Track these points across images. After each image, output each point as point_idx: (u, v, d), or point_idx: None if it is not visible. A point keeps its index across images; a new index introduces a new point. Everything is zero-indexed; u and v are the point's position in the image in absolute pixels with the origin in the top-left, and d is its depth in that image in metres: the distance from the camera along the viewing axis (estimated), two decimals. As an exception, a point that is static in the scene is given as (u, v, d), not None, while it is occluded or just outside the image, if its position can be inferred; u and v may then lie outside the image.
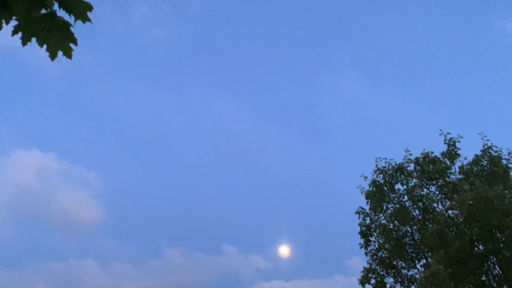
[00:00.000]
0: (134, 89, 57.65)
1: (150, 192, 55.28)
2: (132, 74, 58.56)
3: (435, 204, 19.10)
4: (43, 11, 3.41)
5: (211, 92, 58.66)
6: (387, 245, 19.58)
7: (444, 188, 18.59)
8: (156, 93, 58.50)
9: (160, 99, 58.29)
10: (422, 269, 18.77)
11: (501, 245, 16.41)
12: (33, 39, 3.50)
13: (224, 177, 56.25)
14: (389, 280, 19.77)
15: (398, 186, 19.85)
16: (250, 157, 57.74)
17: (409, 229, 19.65)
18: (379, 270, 19.79)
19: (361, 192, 20.09)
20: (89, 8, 3.44)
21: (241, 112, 58.33)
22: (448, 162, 19.24)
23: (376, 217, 20.06)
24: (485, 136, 18.64)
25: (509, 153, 18.54)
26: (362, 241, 20.34)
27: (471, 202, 16.06)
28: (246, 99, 60.03)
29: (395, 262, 19.83)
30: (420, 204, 19.31)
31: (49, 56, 3.55)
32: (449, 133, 19.37)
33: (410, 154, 19.94)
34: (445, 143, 19.38)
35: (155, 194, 54.98)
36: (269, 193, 55.12)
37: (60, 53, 3.57)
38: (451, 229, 16.84)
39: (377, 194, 19.62)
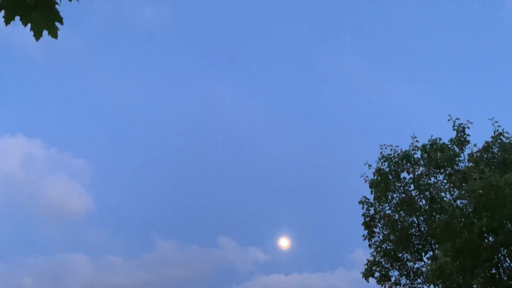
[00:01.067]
0: (124, 72, 57.55)
1: (142, 181, 55.38)
2: (122, 56, 58.43)
3: (442, 194, 19.18)
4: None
5: (206, 76, 58.55)
6: (392, 237, 19.67)
7: (453, 177, 18.63)
8: (147, 77, 58.40)
9: (152, 83, 58.19)
10: (429, 262, 18.87)
11: (512, 236, 16.48)
12: (17, 18, 3.48)
13: (221, 165, 56.31)
14: (394, 273, 19.93)
15: (404, 174, 19.91)
16: (248, 144, 57.78)
17: (415, 219, 19.74)
18: (383, 263, 19.90)
19: (365, 181, 20.16)
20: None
21: (238, 97, 58.26)
22: (457, 149, 19.26)
23: (381, 207, 20.14)
24: (496, 121, 18.64)
25: (521, 140, 18.56)
26: (365, 232, 20.46)
27: (480, 191, 16.08)
28: (244, 83, 59.96)
29: (400, 255, 19.94)
30: (427, 193, 19.38)
31: (34, 35, 3.53)
32: (458, 119, 19.38)
33: (417, 141, 19.99)
34: (453, 129, 19.38)
35: (147, 183, 55.05)
36: (268, 182, 55.25)
37: (45, 33, 3.54)
38: (459, 219, 16.89)
39: (382, 183, 19.67)
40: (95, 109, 58.75)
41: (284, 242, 42.66)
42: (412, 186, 19.69)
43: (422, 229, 19.65)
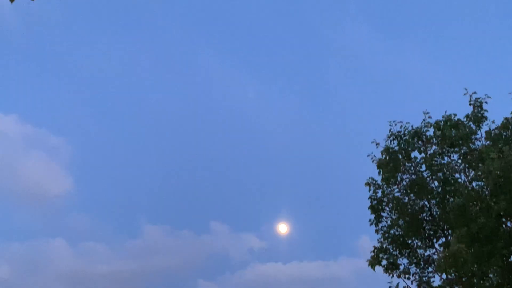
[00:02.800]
0: (108, 44, 57.06)
1: (128, 161, 55.33)
2: (105, 25, 57.96)
3: (457, 175, 19.27)
4: None
5: (196, 46, 58.22)
6: (401, 222, 19.81)
7: (468, 156, 18.71)
8: (133, 49, 58.06)
9: (139, 56, 57.89)
10: (441, 249, 19.05)
11: (532, 221, 16.63)
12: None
13: (213, 144, 56.27)
14: (403, 261, 20.11)
15: (415, 153, 19.97)
16: (243, 120, 57.70)
17: (426, 203, 19.86)
18: (391, 250, 20.06)
19: (372, 161, 20.19)
20: None
21: (232, 70, 58.03)
22: (473, 126, 19.30)
23: (389, 189, 20.22)
24: (517, 96, 18.67)
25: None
26: (372, 216, 20.57)
27: (498, 172, 16.17)
28: (238, 55, 59.59)
29: (410, 241, 20.10)
30: (440, 174, 19.46)
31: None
32: (475, 93, 19.36)
33: (430, 117, 19.99)
34: (470, 104, 19.39)
35: (133, 163, 55.06)
36: (266, 163, 55.29)
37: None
38: (475, 203, 17.01)
39: (391, 163, 19.73)
40: (76, 82, 58.39)
41: (282, 228, 42.84)
42: (423, 167, 19.76)
43: (434, 213, 19.78)
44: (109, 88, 57.65)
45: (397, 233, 20.07)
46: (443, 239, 19.61)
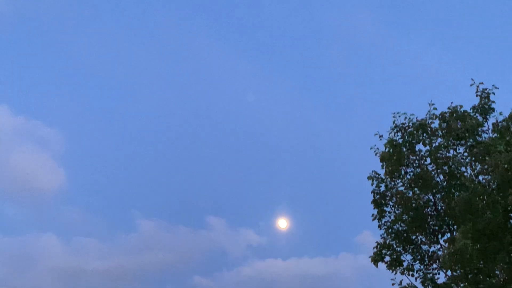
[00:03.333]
0: (102, 31, 56.89)
1: (122, 153, 55.23)
2: (99, 12, 57.72)
3: (463, 168, 19.23)
4: None
5: (194, 34, 58.03)
6: (405, 216, 19.80)
7: (475, 149, 18.65)
8: (128, 35, 57.83)
9: (134, 45, 57.68)
10: (446, 245, 19.04)
11: (541, 216, 16.60)
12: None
13: (210, 136, 56.23)
14: (407, 258, 20.13)
15: (419, 146, 19.94)
16: (241, 110, 57.59)
17: (431, 197, 19.84)
18: (394, 246, 20.09)
19: (375, 154, 20.17)
20: None
21: (230, 57, 57.88)
22: (480, 118, 19.27)
23: (393, 183, 20.20)
24: (525, 86, 18.66)
25: (553, 108, 18.56)
26: (375, 211, 20.57)
27: (506, 165, 16.13)
28: (236, 41, 59.47)
29: (414, 237, 20.11)
30: (445, 168, 19.44)
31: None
32: (482, 83, 19.31)
33: (435, 109, 19.94)
34: (476, 95, 19.35)
35: (127, 156, 54.95)
36: (265, 155, 55.23)
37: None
38: (481, 197, 16.97)
39: (394, 156, 19.70)
40: (69, 72, 58.23)
41: (282, 223, 42.83)
42: (428, 160, 19.73)
43: (439, 208, 19.77)
44: (103, 78, 57.52)
45: (400, 228, 20.07)
46: (448, 235, 19.60)
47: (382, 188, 20.42)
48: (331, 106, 57.14)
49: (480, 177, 17.87)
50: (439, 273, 19.71)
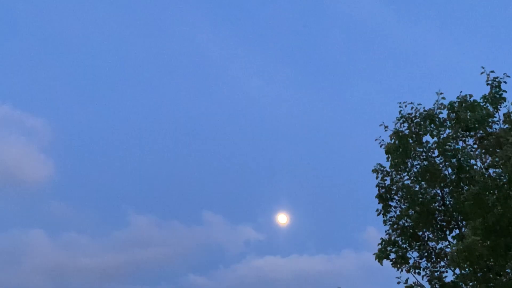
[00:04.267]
0: (94, 16, 56.74)
1: (114, 145, 55.21)
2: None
3: (472, 161, 19.28)
4: None
5: (189, 14, 57.87)
6: (411, 212, 19.85)
7: (485, 141, 18.69)
8: (122, 21, 57.68)
9: (127, 29, 57.54)
10: (454, 242, 19.10)
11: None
12: None
13: (206, 126, 56.17)
14: (413, 255, 20.19)
15: (427, 138, 19.97)
16: (238, 98, 57.57)
17: (439, 191, 19.90)
18: (400, 243, 20.14)
19: (380, 146, 20.20)
20: None
21: (227, 41, 57.80)
22: (490, 108, 19.28)
23: (399, 176, 20.25)
24: (539, 75, 18.66)
25: None
26: (380, 206, 20.62)
27: (518, 158, 16.19)
28: (233, 25, 59.35)
29: (420, 233, 20.17)
30: (454, 160, 19.47)
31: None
32: (492, 72, 19.29)
33: (443, 98, 19.95)
34: (487, 84, 19.34)
35: (119, 147, 54.94)
36: (264, 146, 55.24)
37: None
38: (491, 191, 17.02)
39: (401, 148, 19.73)
40: (58, 59, 58.11)
41: (282, 219, 42.97)
42: (436, 152, 19.77)
43: (447, 202, 19.83)
44: (95, 66, 57.39)
45: (406, 224, 20.13)
46: (457, 231, 19.67)
47: (387, 182, 20.46)
48: (335, 95, 57.19)
49: (491, 170, 17.91)
50: (447, 271, 19.80)
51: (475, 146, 19.38)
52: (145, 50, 58.27)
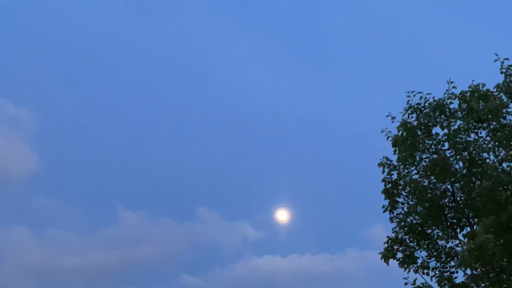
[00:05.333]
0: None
1: (103, 137, 55.24)
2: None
3: (485, 154, 19.29)
4: None
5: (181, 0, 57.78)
6: (419, 208, 19.87)
7: (498, 133, 18.72)
8: (109, 7, 57.56)
9: (116, 15, 57.40)
10: (465, 240, 19.14)
11: None
12: None
13: (201, 117, 56.17)
14: (421, 254, 20.21)
15: (436, 129, 19.97)
16: (236, 88, 57.53)
17: (449, 187, 19.92)
18: (408, 241, 20.17)
19: (387, 138, 20.22)
20: None
21: (224, 28, 57.70)
22: (504, 98, 19.30)
23: (406, 170, 20.27)
24: (556, 63, 18.67)
25: None
26: (386, 202, 20.66)
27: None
28: (230, 10, 59.25)
29: (429, 231, 20.20)
30: (465, 154, 19.49)
31: None
32: (507, 59, 19.33)
33: (454, 87, 19.94)
34: (501, 73, 19.38)
35: (108, 140, 54.95)
36: (263, 139, 55.27)
37: None
38: (505, 187, 17.06)
39: (408, 140, 19.74)
40: (43, 47, 58.00)
41: (281, 215, 43.09)
42: (446, 145, 19.79)
43: (458, 198, 19.86)
44: (83, 53, 57.28)
45: (414, 221, 20.16)
46: (468, 229, 19.70)
47: (394, 176, 20.49)
48: (338, 84, 57.17)
49: (504, 165, 17.97)
50: (457, 272, 19.82)
51: (488, 138, 19.41)
52: (135, 37, 58.28)
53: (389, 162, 20.51)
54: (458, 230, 20.03)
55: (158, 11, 58.60)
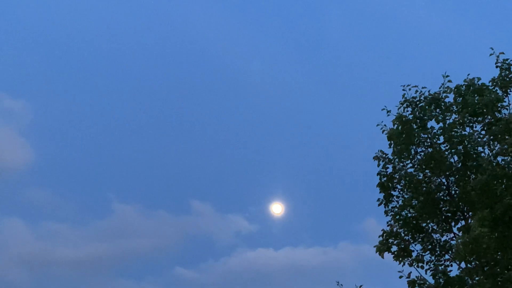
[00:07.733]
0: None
1: (97, 129, 55.15)
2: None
3: (480, 148, 19.36)
4: None
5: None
6: (414, 202, 19.94)
7: (493, 127, 18.78)
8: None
9: (109, 4, 57.24)
10: (460, 233, 19.23)
11: None
12: None
13: (195, 109, 56.09)
14: (416, 248, 20.27)
15: (431, 123, 20.02)
16: (231, 80, 57.48)
17: (444, 180, 19.99)
18: (402, 234, 20.22)
19: (382, 131, 20.24)
20: None
21: (220, 19, 57.62)
22: (500, 92, 19.34)
23: (402, 164, 20.32)
24: (551, 57, 18.71)
25: None
26: (381, 196, 20.71)
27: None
28: (233, 5, 59.15)
29: (424, 224, 20.26)
30: (460, 147, 19.55)
31: None
32: (502, 53, 19.34)
33: (450, 81, 19.98)
34: (496, 67, 19.39)
35: (103, 132, 54.86)
36: (257, 131, 55.26)
37: None
38: (500, 180, 17.12)
39: (404, 134, 19.78)
40: (37, 37, 57.80)
41: (276, 208, 43.16)
42: (441, 138, 19.84)
43: (453, 192, 19.92)
44: (77, 43, 57.12)
45: (409, 215, 20.20)
46: (463, 222, 19.77)
47: (390, 170, 20.54)
48: (333, 77, 57.14)
49: (499, 158, 18.03)
50: (451, 265, 19.87)
51: (483, 132, 19.44)
52: (132, 31, 58.15)
53: (384, 155, 20.56)
54: (453, 224, 20.09)
55: (160, 8, 58.45)
